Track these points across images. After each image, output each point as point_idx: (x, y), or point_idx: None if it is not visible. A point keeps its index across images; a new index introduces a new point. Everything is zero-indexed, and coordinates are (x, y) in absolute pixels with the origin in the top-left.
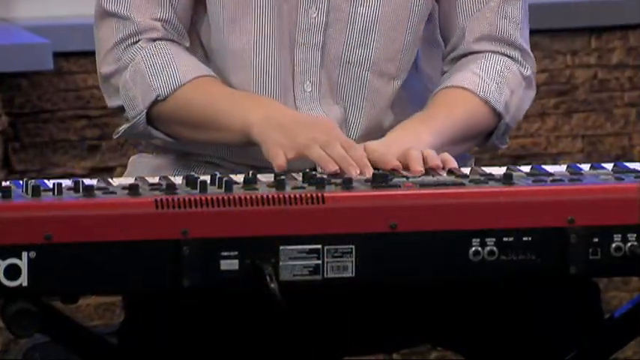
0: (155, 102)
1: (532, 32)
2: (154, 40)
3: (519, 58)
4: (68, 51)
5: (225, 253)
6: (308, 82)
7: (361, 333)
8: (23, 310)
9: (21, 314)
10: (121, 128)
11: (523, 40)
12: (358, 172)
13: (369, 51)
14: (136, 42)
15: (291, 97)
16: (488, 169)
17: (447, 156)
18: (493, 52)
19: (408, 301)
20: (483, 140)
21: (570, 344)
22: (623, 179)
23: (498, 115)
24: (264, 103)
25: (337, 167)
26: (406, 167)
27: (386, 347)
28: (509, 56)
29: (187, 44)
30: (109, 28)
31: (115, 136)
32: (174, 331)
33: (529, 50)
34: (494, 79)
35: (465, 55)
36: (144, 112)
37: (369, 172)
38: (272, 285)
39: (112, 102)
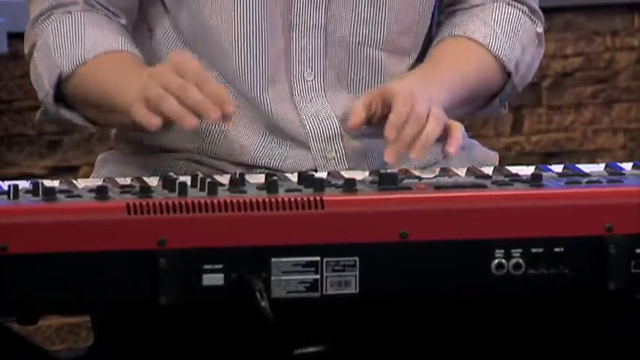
0: (60, 80)
1: (566, 9)
2: (71, 12)
3: (530, 15)
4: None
5: (209, 266)
6: (309, 70)
7: (365, 358)
8: None
9: None
10: (38, 112)
11: (534, 1)
12: (219, 113)
13: (381, 26)
14: (51, 15)
15: (286, 88)
16: (513, 169)
17: (454, 126)
18: (505, 3)
19: (419, 322)
20: (486, 102)
21: None
22: None
23: (508, 74)
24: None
25: (196, 120)
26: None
27: None
28: (521, 11)
29: (123, 22)
30: (34, 4)
31: (35, 121)
32: (150, 355)
33: (539, 10)
34: (506, 33)
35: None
36: (50, 92)
37: (231, 110)
38: (262, 303)
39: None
